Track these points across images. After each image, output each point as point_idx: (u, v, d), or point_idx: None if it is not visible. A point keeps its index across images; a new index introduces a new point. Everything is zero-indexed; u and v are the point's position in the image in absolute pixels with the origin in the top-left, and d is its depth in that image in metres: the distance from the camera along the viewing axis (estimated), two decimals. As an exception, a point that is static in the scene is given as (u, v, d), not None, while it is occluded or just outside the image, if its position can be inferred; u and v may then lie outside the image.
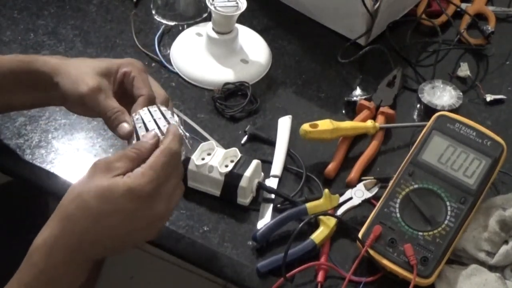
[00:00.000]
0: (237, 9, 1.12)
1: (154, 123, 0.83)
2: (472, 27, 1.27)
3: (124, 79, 0.88)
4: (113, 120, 0.85)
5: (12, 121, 1.06)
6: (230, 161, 0.98)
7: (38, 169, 1.01)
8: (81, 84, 0.86)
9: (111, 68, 0.89)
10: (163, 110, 0.84)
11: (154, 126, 0.82)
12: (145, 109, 0.84)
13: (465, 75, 1.20)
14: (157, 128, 0.82)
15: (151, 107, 0.84)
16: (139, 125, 0.83)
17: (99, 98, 0.86)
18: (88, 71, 0.88)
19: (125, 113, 0.85)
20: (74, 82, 0.87)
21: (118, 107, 0.86)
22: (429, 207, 0.93)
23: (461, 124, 0.98)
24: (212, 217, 0.97)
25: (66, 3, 1.27)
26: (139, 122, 0.83)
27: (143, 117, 0.84)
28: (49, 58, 0.91)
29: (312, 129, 1.02)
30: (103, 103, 0.86)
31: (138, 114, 0.84)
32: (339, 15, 1.23)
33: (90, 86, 0.86)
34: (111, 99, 0.86)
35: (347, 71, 1.20)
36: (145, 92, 0.86)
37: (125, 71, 0.88)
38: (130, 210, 0.75)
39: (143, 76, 0.88)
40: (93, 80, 0.86)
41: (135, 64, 0.89)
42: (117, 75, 0.88)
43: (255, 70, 1.17)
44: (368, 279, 0.91)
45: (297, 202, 0.98)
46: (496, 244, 0.92)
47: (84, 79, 0.86)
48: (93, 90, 0.86)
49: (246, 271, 0.92)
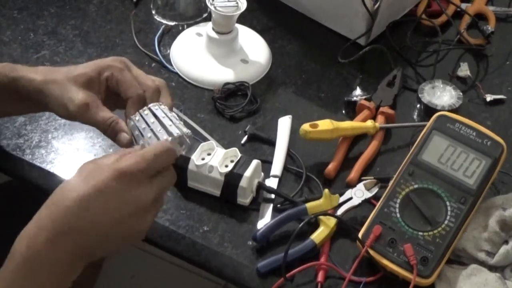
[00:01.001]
0: (237, 9, 1.12)
1: (148, 129, 0.83)
2: (472, 27, 1.27)
3: (109, 84, 0.87)
4: (110, 132, 0.85)
5: (12, 121, 1.06)
6: (230, 161, 0.98)
7: (38, 169, 1.01)
8: (68, 104, 0.85)
9: (93, 78, 0.87)
10: (155, 110, 0.84)
11: (150, 133, 0.82)
12: (137, 115, 0.84)
13: (465, 75, 1.20)
14: (153, 134, 0.82)
15: (142, 111, 0.84)
16: (136, 133, 0.84)
17: (89, 114, 0.85)
18: (71, 88, 0.86)
19: (119, 122, 0.85)
20: (61, 104, 0.86)
21: (110, 117, 0.85)
22: (429, 207, 0.93)
23: (461, 124, 0.98)
24: (212, 217, 0.97)
25: (66, 3, 1.27)
26: (134, 129, 0.84)
27: (137, 124, 0.84)
28: (33, 74, 0.88)
29: (312, 129, 1.02)
30: (95, 117, 0.85)
31: (132, 121, 0.84)
32: (339, 15, 1.23)
33: (77, 104, 0.85)
34: (102, 110, 0.86)
35: (347, 71, 1.20)
36: (131, 94, 0.86)
37: (106, 76, 0.87)
38: (115, 190, 0.73)
39: (125, 76, 0.87)
40: (79, 96, 0.85)
41: (114, 65, 0.88)
42: (100, 83, 0.87)
43: (255, 70, 1.17)
44: (368, 279, 0.91)
45: (297, 202, 0.98)
46: (496, 244, 0.92)
47: (70, 98, 0.85)
48: (81, 107, 0.85)
49: (246, 271, 0.92)
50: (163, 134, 0.83)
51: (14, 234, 0.75)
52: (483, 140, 0.97)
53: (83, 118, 0.86)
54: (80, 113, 0.85)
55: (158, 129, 0.83)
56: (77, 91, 0.86)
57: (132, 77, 0.87)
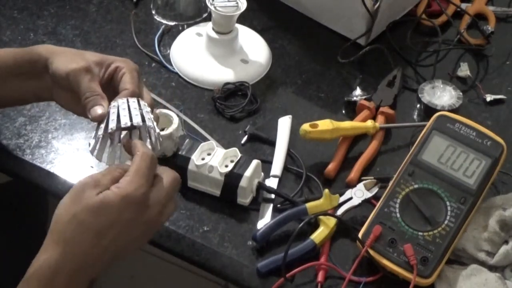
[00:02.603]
0: (237, 9, 1.12)
1: (127, 110, 0.82)
2: (472, 27, 1.27)
3: (114, 74, 0.88)
4: (89, 101, 0.85)
5: (12, 121, 1.06)
6: (230, 161, 0.98)
7: (38, 169, 1.01)
8: (72, 62, 0.87)
9: (105, 60, 0.89)
10: (142, 104, 0.84)
11: (126, 113, 0.82)
12: (124, 99, 0.84)
13: (465, 75, 1.20)
14: (129, 119, 0.81)
15: (130, 98, 0.84)
16: (113, 111, 0.83)
17: (84, 78, 0.86)
18: (84, 55, 0.89)
19: (104, 99, 0.85)
20: (67, 61, 0.88)
21: (99, 92, 0.86)
22: (429, 207, 0.93)
23: (461, 124, 0.98)
24: (212, 217, 0.97)
25: (66, 3, 1.27)
26: (113, 108, 0.83)
27: (119, 104, 0.83)
28: (53, 46, 0.93)
29: (312, 129, 1.02)
30: (86, 84, 0.86)
31: (116, 102, 0.84)
32: (339, 15, 1.23)
33: (80, 64, 0.86)
34: (94, 83, 0.86)
35: (347, 71, 1.20)
36: (130, 87, 0.86)
37: (117, 66, 0.89)
38: (127, 219, 0.75)
39: (134, 74, 0.88)
40: (85, 61, 0.87)
41: (129, 63, 0.89)
42: (109, 68, 0.89)
43: (255, 70, 1.17)
44: (368, 279, 0.91)
45: (297, 202, 0.98)
46: (496, 244, 0.92)
47: (76, 59, 0.87)
48: (81, 69, 0.86)
49: (246, 271, 0.92)
50: (125, 119, 0.82)
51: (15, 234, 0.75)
52: (483, 140, 0.97)
53: (76, 78, 0.86)
54: (75, 73, 0.86)
55: (123, 114, 0.82)
56: (86, 58, 0.88)
57: (138, 80, 0.88)
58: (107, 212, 0.74)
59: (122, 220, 0.74)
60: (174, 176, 0.80)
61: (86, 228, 0.73)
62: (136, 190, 0.75)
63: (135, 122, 0.82)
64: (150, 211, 0.76)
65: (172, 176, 0.80)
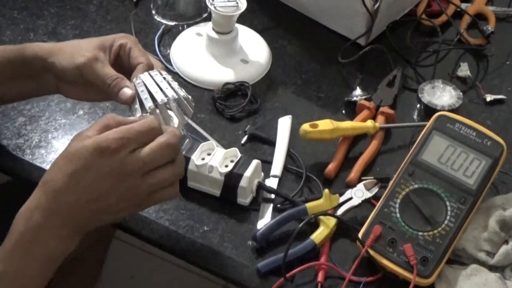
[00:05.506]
0: (237, 9, 1.12)
1: (156, 85, 0.83)
2: (472, 27, 1.27)
3: (120, 51, 0.89)
4: (113, 87, 0.86)
5: (12, 121, 1.06)
6: (230, 161, 0.98)
7: (38, 169, 1.01)
8: (77, 56, 0.87)
9: (106, 41, 0.90)
10: (164, 74, 0.85)
11: (157, 88, 0.83)
12: (146, 74, 0.85)
13: (465, 75, 1.20)
14: (160, 90, 0.83)
15: (152, 72, 0.85)
16: (141, 89, 0.84)
17: (96, 67, 0.87)
18: (83, 46, 0.89)
19: (124, 79, 0.86)
20: (70, 57, 0.88)
21: (117, 74, 0.86)
22: (429, 207, 0.93)
23: (461, 124, 0.98)
24: (212, 217, 0.98)
25: (66, 3, 1.27)
26: (140, 86, 0.84)
27: (144, 80, 0.84)
28: (42, 43, 0.93)
29: (312, 129, 1.03)
30: (101, 71, 0.86)
31: (139, 79, 0.84)
32: (339, 15, 1.23)
33: (87, 56, 0.87)
34: (108, 67, 0.87)
35: (347, 71, 1.20)
36: (144, 60, 0.87)
37: (120, 43, 0.89)
38: (102, 166, 0.75)
39: (139, 47, 0.90)
40: (89, 51, 0.88)
41: (130, 37, 0.91)
42: (112, 48, 0.89)
43: (255, 70, 1.17)
44: (368, 279, 0.91)
45: (297, 202, 0.98)
46: (496, 244, 0.92)
47: (80, 52, 0.88)
48: (90, 60, 0.87)
49: (246, 271, 0.92)
50: (160, 95, 0.83)
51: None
52: (483, 140, 0.97)
53: (89, 70, 0.87)
54: (86, 65, 0.87)
55: (155, 90, 0.83)
56: (88, 48, 0.88)
57: (143, 50, 0.90)
58: (82, 155, 0.75)
59: (95, 166, 0.75)
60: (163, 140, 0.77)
61: (61, 169, 0.76)
62: (113, 139, 0.75)
63: (170, 95, 0.84)
64: (128, 167, 0.75)
65: (161, 140, 0.77)
